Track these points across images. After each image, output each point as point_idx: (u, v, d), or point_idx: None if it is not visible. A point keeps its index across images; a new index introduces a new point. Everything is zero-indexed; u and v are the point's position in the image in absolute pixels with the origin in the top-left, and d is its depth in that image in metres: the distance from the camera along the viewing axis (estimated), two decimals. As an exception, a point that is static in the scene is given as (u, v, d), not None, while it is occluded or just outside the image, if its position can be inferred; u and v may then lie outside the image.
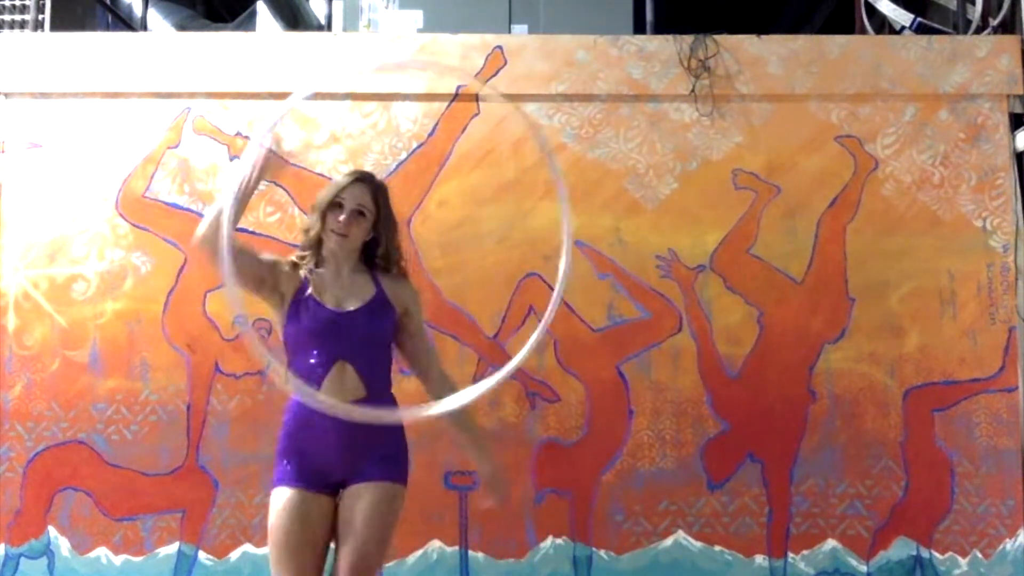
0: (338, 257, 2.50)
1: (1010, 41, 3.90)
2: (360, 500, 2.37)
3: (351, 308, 2.46)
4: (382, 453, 2.42)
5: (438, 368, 2.63)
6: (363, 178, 2.55)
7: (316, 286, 2.47)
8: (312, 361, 2.42)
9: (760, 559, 3.68)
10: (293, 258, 2.53)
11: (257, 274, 2.45)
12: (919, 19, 4.30)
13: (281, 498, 2.41)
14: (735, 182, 3.86)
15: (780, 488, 3.70)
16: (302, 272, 2.50)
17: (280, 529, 2.38)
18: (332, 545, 2.42)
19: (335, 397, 2.37)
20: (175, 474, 3.73)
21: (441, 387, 2.53)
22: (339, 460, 2.39)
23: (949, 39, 3.96)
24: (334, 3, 4.81)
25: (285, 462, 2.44)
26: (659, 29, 4.38)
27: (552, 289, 3.73)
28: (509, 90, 3.89)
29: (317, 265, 2.51)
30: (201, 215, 3.83)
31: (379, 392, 2.46)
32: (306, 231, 2.54)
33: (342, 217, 2.46)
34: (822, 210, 3.83)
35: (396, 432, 2.47)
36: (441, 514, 3.69)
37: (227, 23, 6.97)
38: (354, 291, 2.49)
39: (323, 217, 2.48)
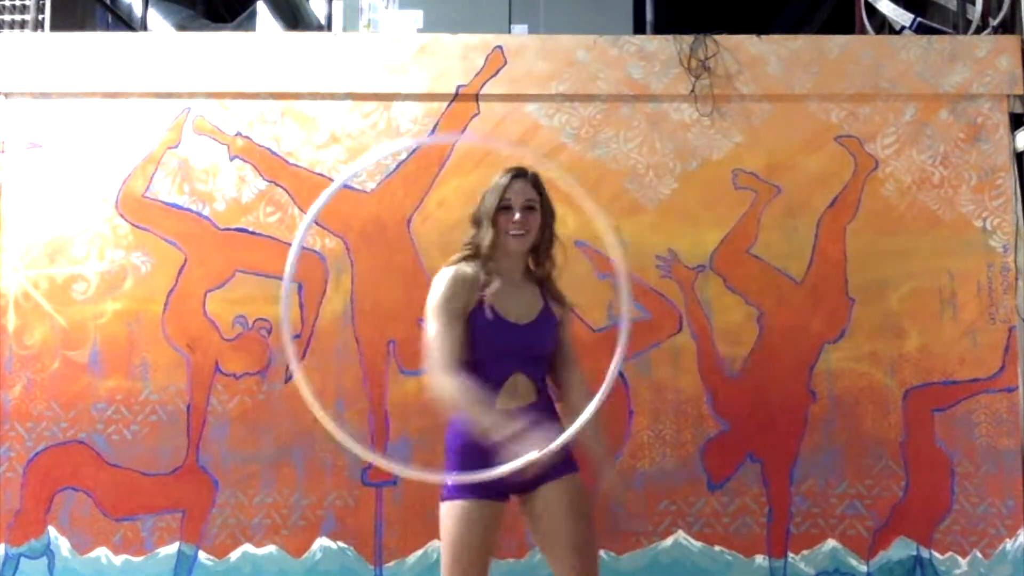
0: (512, 264, 2.52)
1: (1010, 41, 3.90)
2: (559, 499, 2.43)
3: (528, 321, 2.49)
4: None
5: (578, 376, 2.61)
6: (521, 173, 2.55)
7: (494, 298, 2.46)
8: (491, 375, 2.43)
9: (760, 559, 3.68)
10: (467, 269, 2.49)
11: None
12: (919, 19, 4.30)
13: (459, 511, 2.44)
14: (735, 182, 3.86)
15: (780, 488, 3.70)
16: (480, 278, 2.47)
17: (461, 542, 2.42)
18: None
19: (509, 404, 2.42)
20: (175, 474, 3.73)
21: (579, 395, 2.53)
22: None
23: (949, 39, 3.96)
24: (334, 3, 4.82)
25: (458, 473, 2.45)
26: (659, 29, 4.39)
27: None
28: (509, 90, 3.90)
29: (488, 275, 2.48)
30: (201, 215, 3.87)
31: (546, 397, 2.53)
32: (474, 243, 2.53)
33: (517, 216, 2.47)
34: (822, 210, 3.83)
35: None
36: (441, 514, 3.69)
37: (227, 23, 6.97)
38: (528, 302, 2.51)
39: (494, 223, 2.48)
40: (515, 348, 2.46)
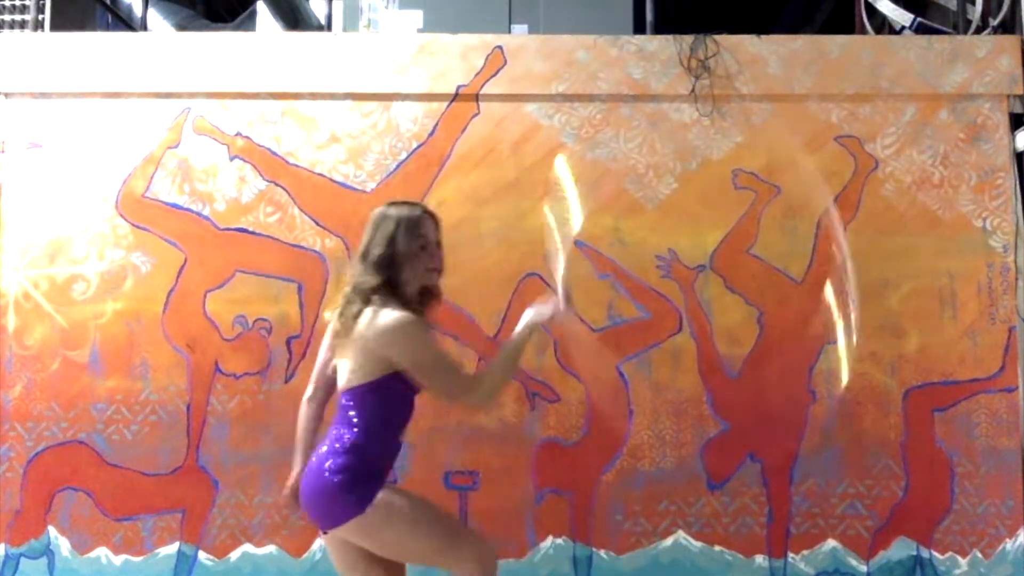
0: (427, 307, 2.43)
1: (1010, 41, 3.90)
2: None
3: None
4: None
5: None
6: (426, 209, 2.47)
7: None
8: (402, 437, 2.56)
9: (760, 559, 3.68)
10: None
11: None
12: (919, 19, 4.30)
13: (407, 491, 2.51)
14: (735, 182, 3.86)
15: (780, 488, 3.70)
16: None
17: (429, 505, 2.46)
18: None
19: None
20: (175, 474, 3.73)
21: None
22: None
23: (949, 39, 3.96)
24: (334, 3, 4.82)
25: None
26: (659, 29, 4.38)
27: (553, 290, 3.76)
28: (509, 90, 3.89)
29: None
30: (201, 215, 3.87)
31: None
32: (393, 286, 2.32)
33: (440, 253, 2.38)
34: (822, 210, 3.83)
35: None
36: (441, 514, 3.69)
37: (227, 23, 6.98)
38: None
39: (417, 262, 2.34)
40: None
